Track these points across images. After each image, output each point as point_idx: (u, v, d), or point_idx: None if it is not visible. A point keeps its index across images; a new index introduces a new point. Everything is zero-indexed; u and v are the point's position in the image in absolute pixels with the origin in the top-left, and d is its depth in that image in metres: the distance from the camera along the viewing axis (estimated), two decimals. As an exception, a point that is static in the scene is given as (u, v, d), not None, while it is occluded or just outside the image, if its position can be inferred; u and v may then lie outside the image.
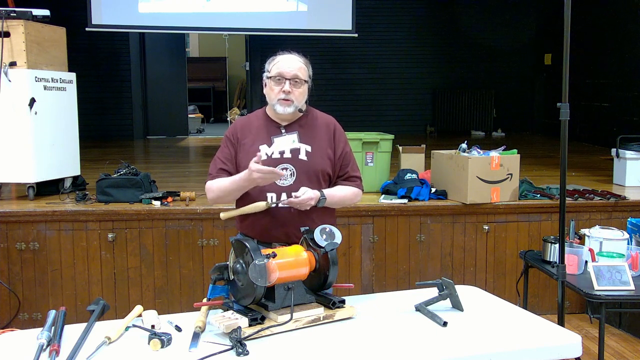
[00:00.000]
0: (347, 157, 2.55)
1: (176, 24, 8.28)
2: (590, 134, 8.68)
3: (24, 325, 3.96)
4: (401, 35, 10.52)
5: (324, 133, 2.51)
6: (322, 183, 2.47)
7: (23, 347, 1.85)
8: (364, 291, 4.19)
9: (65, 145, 4.55)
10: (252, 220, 2.42)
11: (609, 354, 3.74)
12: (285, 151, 2.42)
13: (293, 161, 2.42)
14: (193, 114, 11.81)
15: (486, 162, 4.19)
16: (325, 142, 2.49)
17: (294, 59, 2.44)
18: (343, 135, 2.57)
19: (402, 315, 2.13)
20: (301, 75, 2.42)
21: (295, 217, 2.38)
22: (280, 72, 2.40)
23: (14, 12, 4.20)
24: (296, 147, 2.43)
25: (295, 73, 2.40)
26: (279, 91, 2.40)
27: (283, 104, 2.40)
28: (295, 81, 2.40)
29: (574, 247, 3.08)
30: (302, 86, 2.43)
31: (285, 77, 2.39)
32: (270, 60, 2.47)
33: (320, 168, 2.45)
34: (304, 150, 2.44)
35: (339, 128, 2.57)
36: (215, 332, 1.94)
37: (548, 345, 1.93)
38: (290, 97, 2.39)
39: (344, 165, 2.54)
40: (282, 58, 2.44)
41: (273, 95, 2.42)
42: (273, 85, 2.42)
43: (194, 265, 4.17)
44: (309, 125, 2.50)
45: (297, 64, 2.43)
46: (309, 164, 2.43)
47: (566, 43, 2.71)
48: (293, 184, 2.40)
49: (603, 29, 8.58)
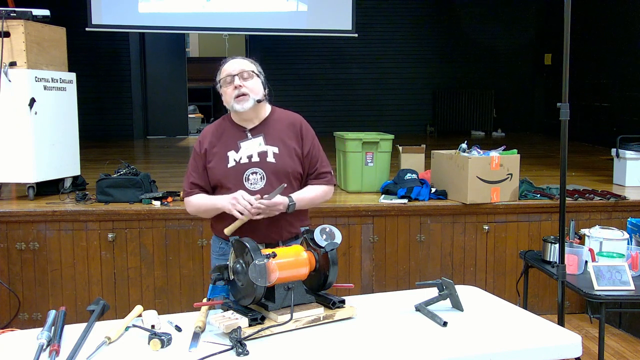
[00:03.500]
0: (315, 153, 2.54)
1: (176, 24, 8.28)
2: (590, 134, 8.67)
3: (24, 325, 3.96)
4: (401, 35, 10.52)
5: (290, 132, 2.51)
6: (293, 183, 2.47)
7: (23, 347, 1.85)
8: (364, 291, 4.19)
9: (65, 145, 4.55)
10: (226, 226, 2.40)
11: (609, 354, 3.74)
12: (253, 155, 2.43)
13: (261, 164, 2.42)
14: (193, 114, 11.81)
15: (486, 162, 4.19)
16: (292, 141, 2.49)
17: (237, 59, 2.48)
18: (310, 132, 2.56)
19: (402, 315, 2.13)
20: (247, 67, 2.44)
21: (270, 219, 2.38)
22: (227, 72, 2.43)
23: (14, 12, 4.20)
24: (263, 149, 2.44)
25: (240, 68, 2.43)
26: (232, 91, 2.41)
27: (240, 101, 2.41)
28: (243, 75, 2.42)
29: (574, 247, 3.08)
30: (252, 79, 2.43)
31: (232, 74, 2.41)
32: (218, 72, 2.50)
33: (289, 169, 2.45)
34: (271, 153, 2.44)
35: (305, 125, 2.56)
36: (215, 332, 1.94)
37: (548, 345, 1.93)
38: (243, 90, 2.40)
39: (313, 162, 2.53)
40: (226, 62, 2.48)
41: (228, 97, 2.43)
42: (225, 88, 2.44)
43: (194, 265, 4.17)
44: (274, 126, 2.50)
45: (240, 60, 2.47)
46: (277, 165, 2.43)
47: (566, 43, 2.71)
48: (264, 187, 2.40)
49: (603, 29, 8.58)
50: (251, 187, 2.40)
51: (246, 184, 2.40)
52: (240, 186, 2.39)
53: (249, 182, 2.41)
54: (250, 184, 2.40)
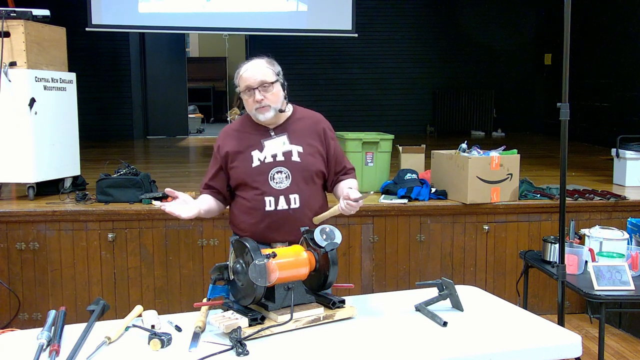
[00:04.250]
0: (339, 152, 2.57)
1: (176, 24, 8.27)
2: (590, 134, 8.67)
3: (24, 325, 3.96)
4: (401, 35, 10.52)
5: (313, 131, 2.52)
6: (316, 181, 2.48)
7: (23, 347, 1.85)
8: (364, 291, 4.19)
9: (65, 145, 4.55)
10: (251, 224, 2.43)
11: (609, 354, 3.74)
12: (277, 154, 2.43)
13: (286, 163, 2.43)
14: (193, 114, 11.81)
15: (486, 162, 4.19)
16: (315, 141, 2.50)
17: (255, 65, 2.43)
18: (332, 131, 2.58)
19: (402, 315, 2.13)
20: (268, 78, 2.40)
21: (293, 218, 2.39)
22: (247, 84, 2.40)
23: (14, 12, 4.20)
24: (288, 149, 2.44)
25: (260, 80, 2.38)
26: (252, 102, 2.40)
27: (261, 111, 2.41)
28: (264, 86, 2.39)
29: (574, 247, 3.08)
30: (272, 88, 2.41)
31: (252, 87, 2.39)
32: (236, 75, 2.47)
33: (314, 168, 2.46)
34: (296, 152, 2.45)
35: (327, 124, 2.58)
36: (215, 332, 1.94)
37: (548, 345, 1.93)
38: (265, 103, 2.39)
39: (339, 160, 2.56)
40: (245, 69, 2.43)
41: (249, 106, 2.44)
42: (246, 97, 2.43)
43: (194, 265, 4.17)
44: (297, 125, 2.51)
45: (260, 69, 2.41)
46: (302, 164, 2.44)
47: (566, 43, 2.71)
48: (289, 186, 2.41)
49: (603, 29, 8.57)
50: (276, 185, 2.41)
51: (271, 183, 2.41)
52: (266, 185, 2.40)
53: (274, 181, 2.41)
54: (275, 183, 2.41)
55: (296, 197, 2.41)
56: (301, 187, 2.41)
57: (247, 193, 2.43)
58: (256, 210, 2.41)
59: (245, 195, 2.44)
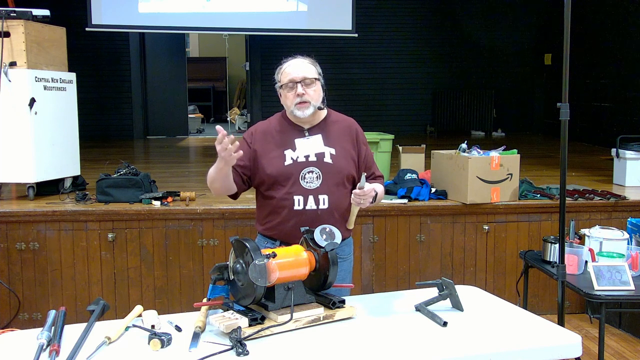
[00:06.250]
0: (369, 158, 2.59)
1: (176, 24, 8.28)
2: (590, 134, 8.67)
3: (24, 325, 3.96)
4: (401, 35, 10.51)
5: (346, 135, 2.54)
6: (347, 185, 2.50)
7: (23, 347, 1.85)
8: (364, 291, 4.19)
9: (65, 145, 4.55)
10: (278, 222, 2.44)
11: (609, 354, 3.74)
12: (310, 154, 2.44)
13: (319, 164, 2.44)
14: (193, 114, 11.81)
15: (486, 162, 4.19)
16: (348, 145, 2.52)
17: (300, 62, 2.46)
18: (364, 137, 2.61)
19: (402, 315, 2.13)
20: (310, 74, 2.43)
21: (321, 219, 2.38)
22: (290, 78, 2.42)
23: (14, 12, 4.20)
24: (321, 150, 2.46)
25: (303, 74, 2.42)
26: (293, 96, 2.41)
27: (301, 107, 2.41)
28: (306, 82, 2.41)
29: (574, 247, 3.08)
30: (314, 85, 2.44)
31: (296, 80, 2.40)
32: (278, 70, 2.48)
33: (345, 171, 2.48)
34: (328, 153, 2.46)
35: (359, 129, 2.61)
36: (215, 332, 1.94)
37: (548, 345, 1.93)
38: (306, 98, 2.41)
39: (368, 166, 2.58)
40: (288, 64, 2.46)
41: (289, 102, 2.44)
42: (287, 92, 2.44)
43: (194, 265, 4.17)
44: (332, 128, 2.53)
45: (304, 65, 2.45)
46: (334, 166, 2.45)
47: (566, 43, 2.71)
48: (320, 187, 2.42)
49: (603, 29, 8.57)
50: (307, 185, 2.42)
51: (302, 182, 2.42)
52: (296, 184, 2.41)
53: (305, 180, 2.42)
54: (306, 182, 2.42)
55: (325, 197, 2.42)
56: (331, 189, 2.43)
57: (277, 192, 2.44)
58: (284, 209, 2.42)
59: (275, 193, 2.44)
